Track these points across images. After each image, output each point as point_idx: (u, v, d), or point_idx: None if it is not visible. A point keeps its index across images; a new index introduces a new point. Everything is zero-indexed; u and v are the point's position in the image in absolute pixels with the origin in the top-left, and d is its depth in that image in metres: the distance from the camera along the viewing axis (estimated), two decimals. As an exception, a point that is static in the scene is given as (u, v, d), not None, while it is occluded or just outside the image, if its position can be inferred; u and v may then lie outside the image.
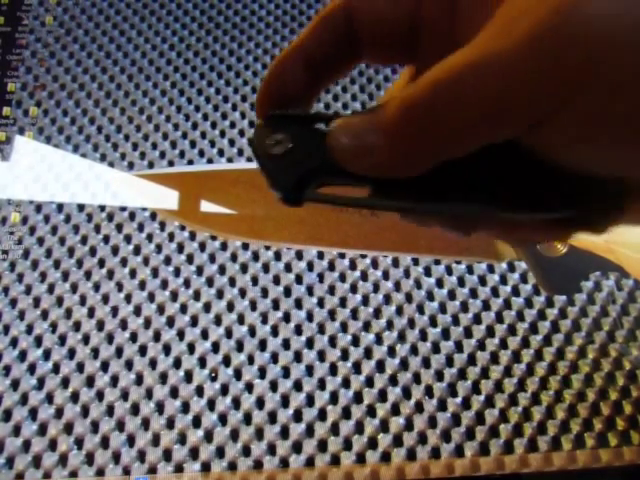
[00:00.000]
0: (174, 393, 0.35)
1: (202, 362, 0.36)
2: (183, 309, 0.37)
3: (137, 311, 0.37)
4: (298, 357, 0.36)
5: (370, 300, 0.38)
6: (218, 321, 0.37)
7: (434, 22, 0.16)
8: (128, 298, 0.38)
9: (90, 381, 0.35)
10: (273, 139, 0.18)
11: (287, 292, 0.38)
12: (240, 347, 0.37)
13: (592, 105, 0.13)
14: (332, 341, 0.37)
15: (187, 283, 0.38)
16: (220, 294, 0.38)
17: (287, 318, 0.38)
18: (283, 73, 0.18)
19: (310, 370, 0.36)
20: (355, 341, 0.37)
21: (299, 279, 0.39)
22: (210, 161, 0.43)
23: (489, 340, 0.38)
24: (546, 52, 0.13)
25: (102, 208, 0.41)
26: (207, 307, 0.38)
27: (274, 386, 0.35)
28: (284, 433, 0.34)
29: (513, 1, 0.14)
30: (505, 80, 0.13)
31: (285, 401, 0.35)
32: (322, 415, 0.35)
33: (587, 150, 0.14)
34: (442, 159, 0.15)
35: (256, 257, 0.39)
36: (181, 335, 0.37)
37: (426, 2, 0.16)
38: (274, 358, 0.36)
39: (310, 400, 0.35)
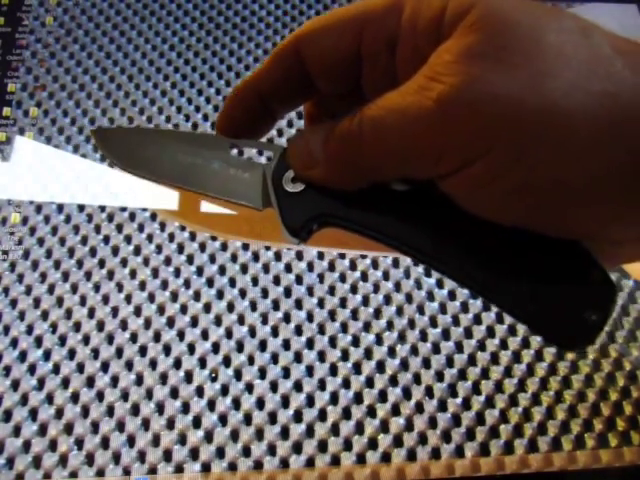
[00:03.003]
0: (174, 393, 0.35)
1: (202, 362, 0.36)
2: (183, 309, 0.37)
3: (137, 312, 0.37)
4: (298, 358, 0.36)
5: (370, 300, 0.38)
6: (218, 321, 0.37)
7: (374, 57, 0.18)
8: (128, 298, 0.38)
9: (90, 381, 0.35)
10: (290, 176, 0.19)
11: (287, 292, 0.38)
12: (240, 347, 0.37)
13: (489, 170, 0.15)
14: (332, 341, 0.37)
15: (187, 283, 0.38)
16: (220, 294, 0.38)
17: (287, 318, 0.38)
18: (239, 105, 0.20)
19: (310, 371, 0.36)
20: (355, 341, 0.37)
21: (299, 279, 0.39)
22: (210, 161, 0.43)
23: (489, 340, 0.38)
24: (450, 118, 0.15)
25: (102, 209, 0.41)
26: (207, 307, 0.38)
27: (274, 386, 0.35)
28: (284, 433, 0.34)
29: (434, 62, 0.15)
30: (413, 133, 0.15)
31: (285, 401, 0.35)
32: (322, 416, 0.35)
33: (484, 204, 0.16)
34: (368, 182, 0.18)
35: (256, 258, 0.39)
36: (181, 335, 0.37)
37: (366, 40, 0.18)
38: (274, 358, 0.36)
39: (310, 400, 0.35)
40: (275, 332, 0.37)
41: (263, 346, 0.37)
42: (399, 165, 0.17)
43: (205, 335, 0.37)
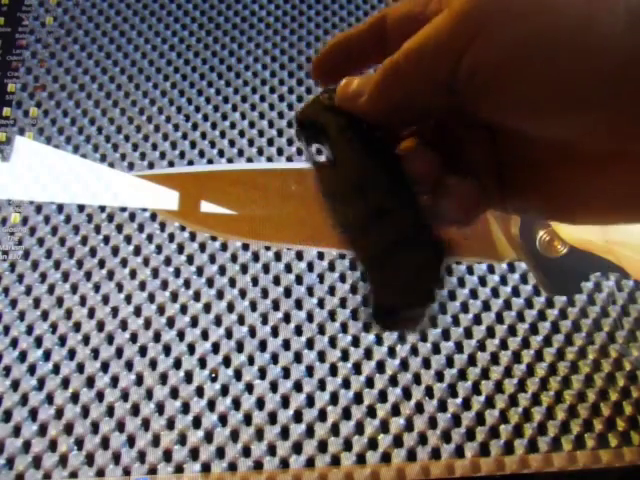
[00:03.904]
0: (174, 394, 0.35)
1: (202, 363, 0.36)
2: (183, 310, 0.37)
3: (137, 312, 0.37)
4: (298, 358, 0.36)
5: (370, 301, 0.38)
6: (218, 322, 0.37)
7: None
8: (128, 299, 0.38)
9: (90, 382, 0.35)
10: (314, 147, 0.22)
11: (287, 293, 0.38)
12: (240, 348, 0.37)
13: (482, 46, 0.17)
14: (332, 342, 0.37)
15: (187, 284, 0.38)
16: (220, 295, 0.38)
17: (287, 319, 0.38)
18: (331, 49, 0.23)
19: (310, 371, 0.36)
20: (355, 342, 0.37)
21: (299, 280, 0.39)
22: (210, 162, 0.43)
23: (489, 341, 0.38)
24: (458, 17, 0.17)
25: (102, 209, 0.41)
26: (207, 308, 0.38)
27: (274, 387, 0.35)
28: (284, 434, 0.34)
29: None
30: (432, 40, 0.18)
31: (285, 402, 0.35)
32: (322, 416, 0.35)
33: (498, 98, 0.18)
34: (406, 103, 0.20)
35: (256, 258, 0.39)
36: (181, 336, 0.37)
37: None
38: (274, 359, 0.36)
39: (310, 401, 0.35)
40: (275, 332, 0.37)
41: (263, 346, 0.37)
42: (430, 73, 0.19)
43: (205, 335, 0.37)
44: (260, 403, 0.35)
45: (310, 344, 0.37)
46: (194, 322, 0.37)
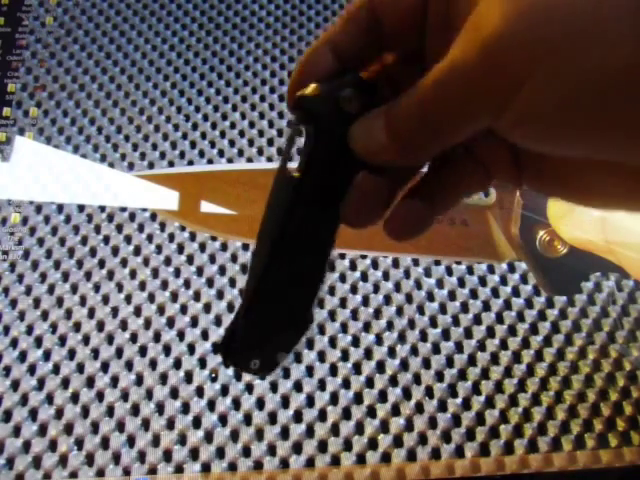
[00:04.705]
0: (174, 394, 0.35)
1: (202, 363, 0.36)
2: (183, 310, 0.37)
3: (137, 312, 0.37)
4: (298, 357, 0.36)
5: (370, 301, 0.38)
6: (218, 322, 0.37)
7: (436, 13, 0.19)
8: (128, 299, 0.38)
9: (90, 382, 0.35)
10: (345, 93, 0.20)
11: (287, 293, 0.38)
12: (240, 348, 0.36)
13: (533, 96, 0.15)
14: (332, 342, 0.37)
15: (187, 284, 0.38)
16: (220, 295, 0.38)
17: (287, 319, 0.38)
18: (314, 63, 0.20)
19: (310, 371, 0.36)
20: (355, 342, 0.37)
21: (299, 280, 0.39)
22: (210, 162, 0.43)
23: (489, 341, 0.38)
24: (492, 60, 0.15)
25: (102, 209, 0.41)
26: (207, 308, 0.38)
27: (274, 387, 0.35)
28: (284, 434, 0.34)
29: (472, 19, 0.16)
30: (465, 84, 0.16)
31: (285, 402, 0.35)
32: (322, 416, 0.35)
33: (538, 134, 0.16)
34: (435, 151, 0.18)
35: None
36: (181, 336, 0.37)
37: None
38: (274, 359, 0.36)
39: (310, 401, 0.35)
40: (275, 332, 0.37)
41: (263, 346, 0.37)
42: (460, 121, 0.17)
43: (205, 335, 0.37)
44: (260, 403, 0.35)
45: (310, 344, 0.37)
46: (194, 322, 0.37)
